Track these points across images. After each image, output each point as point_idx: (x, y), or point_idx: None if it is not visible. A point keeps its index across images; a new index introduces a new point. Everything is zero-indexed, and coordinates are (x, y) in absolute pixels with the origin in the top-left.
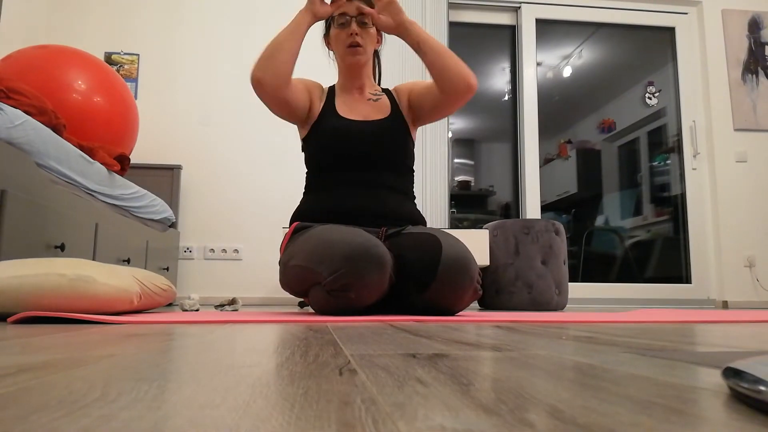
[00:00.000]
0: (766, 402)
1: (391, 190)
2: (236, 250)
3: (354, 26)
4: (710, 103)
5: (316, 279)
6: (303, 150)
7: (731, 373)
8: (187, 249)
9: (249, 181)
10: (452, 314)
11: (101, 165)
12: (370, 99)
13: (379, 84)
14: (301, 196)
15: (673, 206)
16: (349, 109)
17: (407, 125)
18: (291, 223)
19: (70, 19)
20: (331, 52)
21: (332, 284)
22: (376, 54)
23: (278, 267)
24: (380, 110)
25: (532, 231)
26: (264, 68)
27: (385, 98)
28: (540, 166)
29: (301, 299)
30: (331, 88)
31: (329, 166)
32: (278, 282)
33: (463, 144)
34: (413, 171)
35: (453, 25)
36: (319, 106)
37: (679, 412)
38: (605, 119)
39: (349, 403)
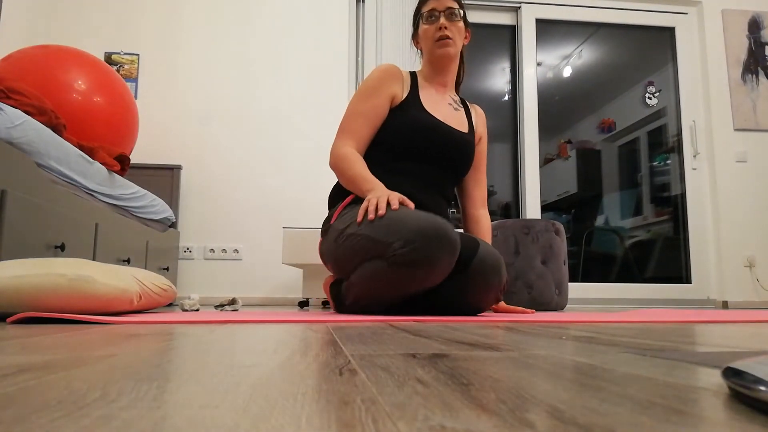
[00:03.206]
0: (766, 402)
1: (442, 196)
2: (236, 250)
3: (443, 20)
4: (710, 103)
5: (379, 251)
6: None
7: (731, 373)
8: (187, 249)
9: (249, 181)
10: (476, 311)
11: (101, 165)
12: (450, 104)
13: (459, 83)
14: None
15: (673, 206)
16: (433, 105)
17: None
18: (338, 190)
19: (70, 19)
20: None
21: (401, 257)
22: (461, 54)
23: (317, 239)
24: (460, 122)
25: (532, 231)
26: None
27: (463, 112)
28: (540, 166)
29: (302, 299)
30: (414, 76)
31: (401, 152)
32: (278, 282)
33: None
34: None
35: None
36: (402, 92)
37: (679, 412)
38: (605, 119)
39: (349, 402)
